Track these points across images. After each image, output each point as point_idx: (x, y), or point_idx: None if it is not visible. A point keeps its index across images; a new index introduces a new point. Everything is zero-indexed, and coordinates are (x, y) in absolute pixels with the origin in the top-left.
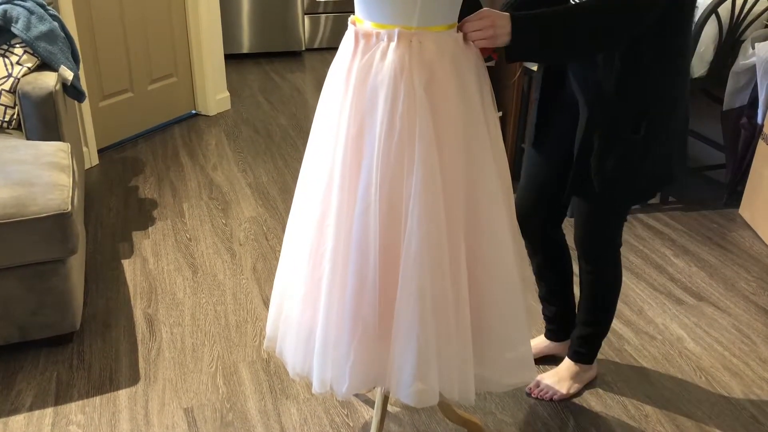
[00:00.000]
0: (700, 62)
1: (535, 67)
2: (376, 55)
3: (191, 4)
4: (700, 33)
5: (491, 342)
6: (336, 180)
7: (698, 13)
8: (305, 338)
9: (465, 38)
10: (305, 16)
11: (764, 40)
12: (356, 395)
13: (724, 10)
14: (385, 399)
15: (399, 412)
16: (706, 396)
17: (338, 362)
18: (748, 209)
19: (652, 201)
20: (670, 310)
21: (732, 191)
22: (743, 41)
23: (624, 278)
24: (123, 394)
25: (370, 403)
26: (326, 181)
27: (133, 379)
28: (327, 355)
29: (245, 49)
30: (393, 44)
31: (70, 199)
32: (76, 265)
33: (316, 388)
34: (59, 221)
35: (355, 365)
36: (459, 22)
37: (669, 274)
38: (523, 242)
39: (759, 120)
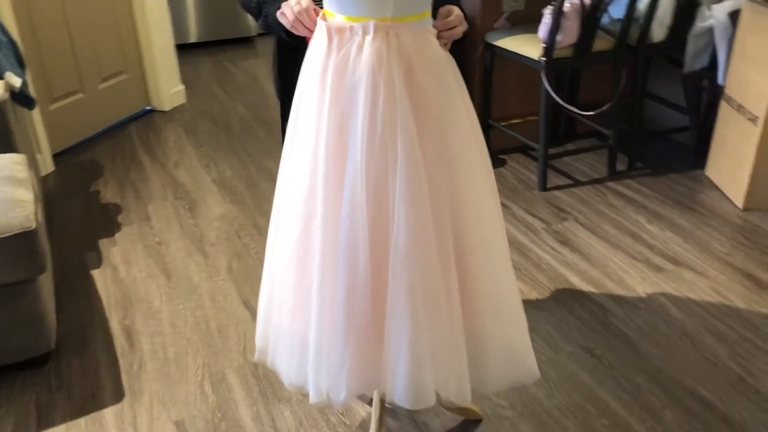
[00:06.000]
0: (659, 27)
1: (499, 43)
2: (351, 51)
3: None
4: None
5: (488, 332)
6: (320, 183)
7: None
8: (298, 348)
9: (440, 35)
10: None
11: (719, 2)
12: None
13: None
14: (383, 397)
15: (395, 406)
16: (694, 362)
17: (333, 369)
18: (713, 169)
19: (620, 168)
20: (650, 277)
21: (697, 153)
22: (700, 5)
23: (601, 248)
24: (109, 413)
25: (364, 398)
26: (309, 186)
27: (118, 395)
28: (321, 363)
29: (193, 38)
30: (369, 38)
31: (33, 214)
32: (45, 283)
33: (312, 398)
34: (24, 240)
35: (351, 371)
36: (433, 11)
37: (645, 241)
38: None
39: (719, 81)
